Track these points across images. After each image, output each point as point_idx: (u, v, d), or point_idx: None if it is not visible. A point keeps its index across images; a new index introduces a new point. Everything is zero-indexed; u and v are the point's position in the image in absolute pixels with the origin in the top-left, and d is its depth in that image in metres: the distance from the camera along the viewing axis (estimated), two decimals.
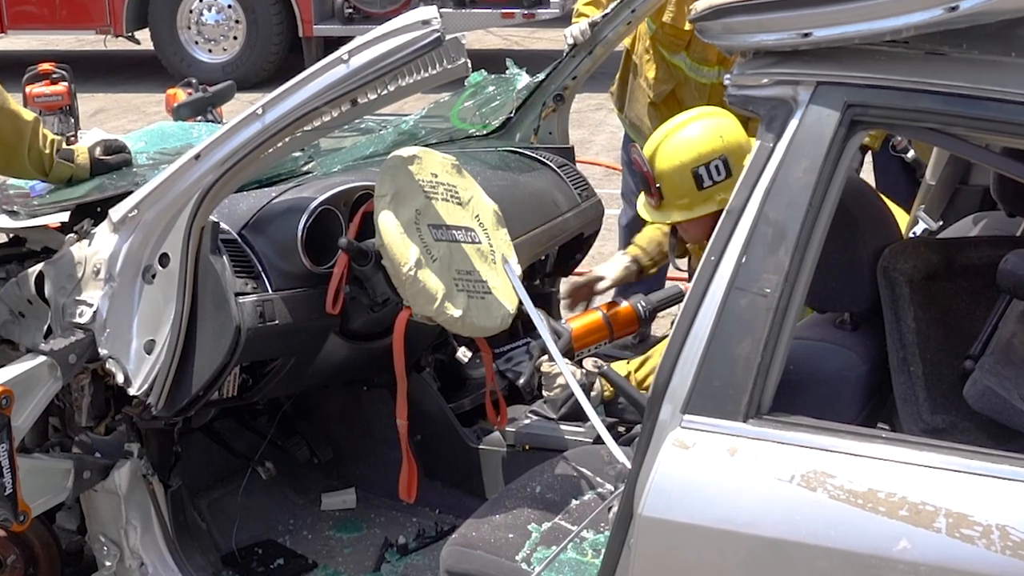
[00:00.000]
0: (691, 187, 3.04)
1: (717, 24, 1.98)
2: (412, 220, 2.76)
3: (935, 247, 2.46)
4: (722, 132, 3.06)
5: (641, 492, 1.92)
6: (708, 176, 3.02)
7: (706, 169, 3.03)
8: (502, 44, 11.57)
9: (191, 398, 2.71)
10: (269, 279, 2.81)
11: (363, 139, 3.51)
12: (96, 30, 10.86)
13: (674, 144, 3.08)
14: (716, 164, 3.01)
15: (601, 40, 3.72)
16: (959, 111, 1.85)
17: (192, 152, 2.63)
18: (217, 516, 3.26)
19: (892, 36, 1.85)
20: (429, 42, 2.47)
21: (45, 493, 2.73)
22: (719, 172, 3.02)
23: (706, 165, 3.02)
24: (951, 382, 2.24)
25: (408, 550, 3.26)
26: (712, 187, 3.03)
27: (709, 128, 3.08)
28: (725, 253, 1.94)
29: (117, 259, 2.71)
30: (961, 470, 1.79)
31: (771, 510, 1.84)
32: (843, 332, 2.42)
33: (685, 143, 3.07)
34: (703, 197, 3.04)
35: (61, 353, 2.67)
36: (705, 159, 3.02)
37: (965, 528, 1.73)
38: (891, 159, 4.36)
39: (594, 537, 2.47)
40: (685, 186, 3.04)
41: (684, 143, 3.07)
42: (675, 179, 3.05)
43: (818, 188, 1.91)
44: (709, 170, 3.02)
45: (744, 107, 2.00)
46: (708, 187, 3.03)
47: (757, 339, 1.89)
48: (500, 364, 3.32)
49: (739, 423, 1.89)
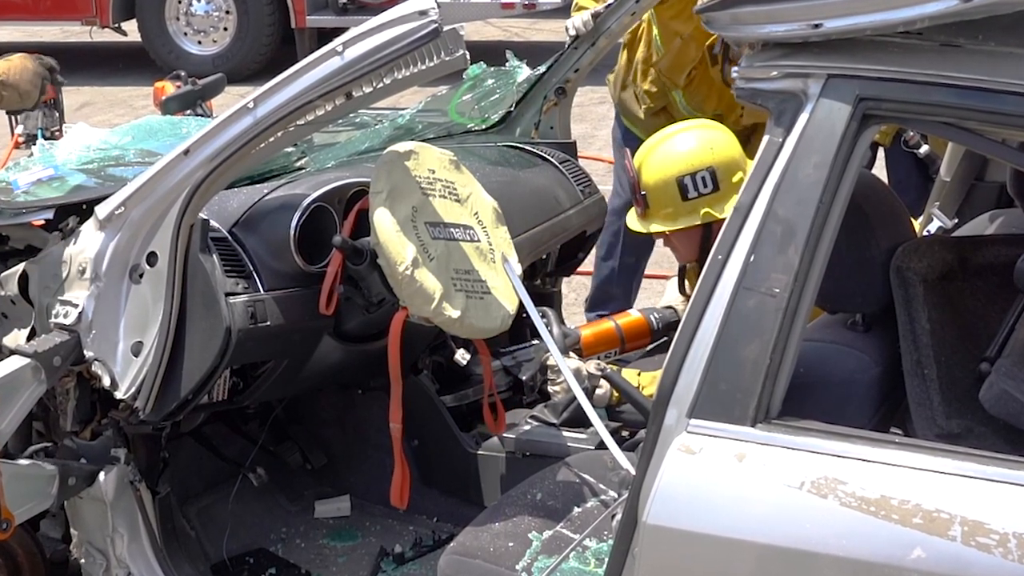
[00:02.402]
0: (675, 197, 3.11)
1: (725, 15, 1.98)
2: (409, 218, 2.76)
3: (950, 246, 2.46)
4: (713, 145, 3.14)
5: (645, 499, 1.92)
6: (693, 187, 3.09)
7: (692, 180, 3.09)
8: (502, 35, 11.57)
9: (180, 402, 2.71)
10: (261, 279, 2.81)
11: (358, 134, 3.51)
12: (82, 21, 10.87)
13: (663, 152, 3.16)
14: (703, 176, 3.08)
15: (604, 31, 3.73)
16: (975, 105, 1.85)
17: (181, 147, 2.63)
18: (207, 524, 3.26)
19: (906, 27, 1.85)
20: (426, 33, 2.47)
21: (29, 500, 2.73)
22: (705, 184, 3.08)
23: (692, 176, 3.09)
24: (966, 385, 2.24)
25: (404, 559, 3.27)
26: (697, 199, 3.10)
27: (701, 139, 3.16)
28: (732, 252, 1.94)
29: (103, 258, 2.71)
30: (977, 476, 1.79)
31: (780, 518, 1.84)
32: (855, 334, 2.42)
33: (674, 152, 3.15)
34: (687, 208, 3.10)
35: (45, 355, 2.67)
36: (692, 169, 3.10)
37: (981, 536, 1.73)
38: (903, 154, 4.36)
39: (597, 546, 2.47)
40: (669, 195, 3.11)
41: (673, 152, 3.15)
42: (660, 187, 3.12)
43: (829, 184, 1.91)
44: (695, 181, 3.09)
45: (752, 101, 2.00)
46: (693, 198, 3.10)
47: (766, 341, 1.90)
48: (505, 361, 3.34)
49: (747, 428, 1.90)
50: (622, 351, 3.54)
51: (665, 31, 4.28)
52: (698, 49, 4.22)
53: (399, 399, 2.84)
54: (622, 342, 3.52)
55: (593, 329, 3.51)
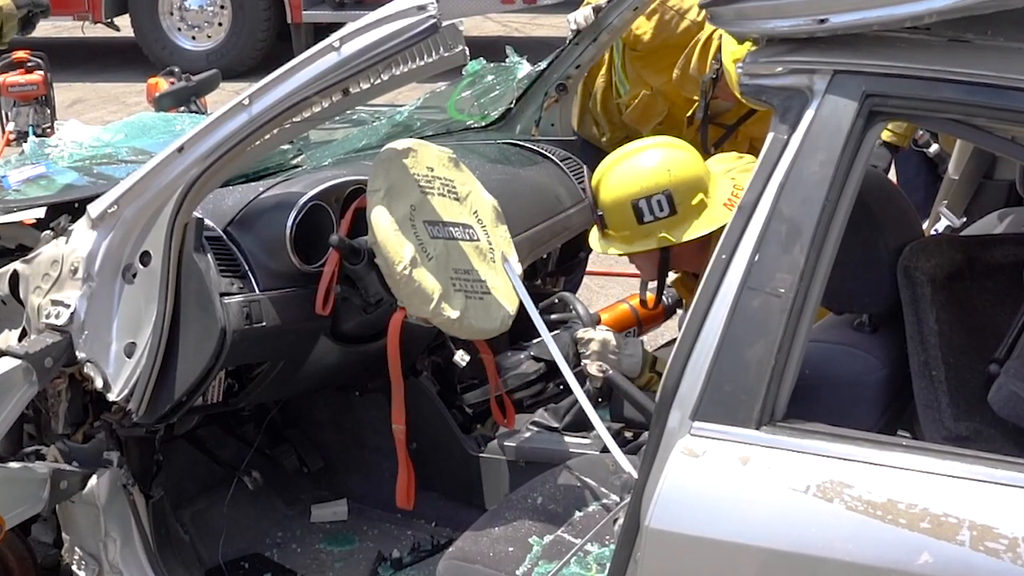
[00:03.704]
0: (631, 220, 3.00)
1: (729, 10, 1.99)
2: (407, 216, 2.77)
3: (958, 245, 2.46)
4: (671, 166, 3.00)
5: (648, 503, 1.92)
6: (649, 211, 2.98)
7: (647, 203, 2.97)
8: (502, 31, 11.58)
9: (174, 404, 2.71)
10: (256, 278, 2.81)
11: (355, 131, 3.51)
12: (74, 16, 10.85)
13: (619, 173, 3.05)
14: (659, 199, 2.97)
15: (606, 27, 3.72)
16: (984, 101, 1.85)
17: (175, 145, 2.63)
18: (201, 528, 3.26)
19: (913, 22, 1.85)
20: (425, 29, 2.47)
21: (20, 504, 2.73)
22: (661, 208, 2.97)
23: (647, 199, 2.97)
24: (975, 387, 2.24)
25: (403, 564, 3.26)
26: (653, 223, 2.98)
27: (659, 160, 3.03)
28: (737, 251, 1.94)
29: (96, 257, 2.71)
30: (986, 480, 1.79)
31: (785, 522, 1.85)
32: (861, 334, 2.42)
33: (630, 173, 3.03)
34: (643, 232, 3.00)
35: (36, 356, 2.67)
36: (647, 192, 2.97)
37: (990, 541, 1.74)
38: (912, 153, 4.36)
39: (599, 551, 2.47)
40: (625, 218, 3.01)
41: (629, 173, 3.03)
42: (616, 209, 3.02)
43: (835, 182, 1.91)
44: (651, 204, 2.97)
45: (757, 97, 2.00)
46: (649, 222, 2.98)
47: (771, 342, 1.90)
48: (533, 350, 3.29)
49: (751, 430, 1.90)
50: (639, 332, 3.53)
51: (634, 74, 4.17)
52: (665, 104, 4.12)
53: (401, 400, 2.85)
54: (639, 323, 3.52)
55: (612, 313, 3.50)
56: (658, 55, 4.01)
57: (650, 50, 3.99)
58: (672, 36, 3.90)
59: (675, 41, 3.90)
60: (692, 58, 3.87)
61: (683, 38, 3.89)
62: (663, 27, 3.90)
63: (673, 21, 3.88)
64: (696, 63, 3.85)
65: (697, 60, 3.85)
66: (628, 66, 4.15)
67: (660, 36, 3.92)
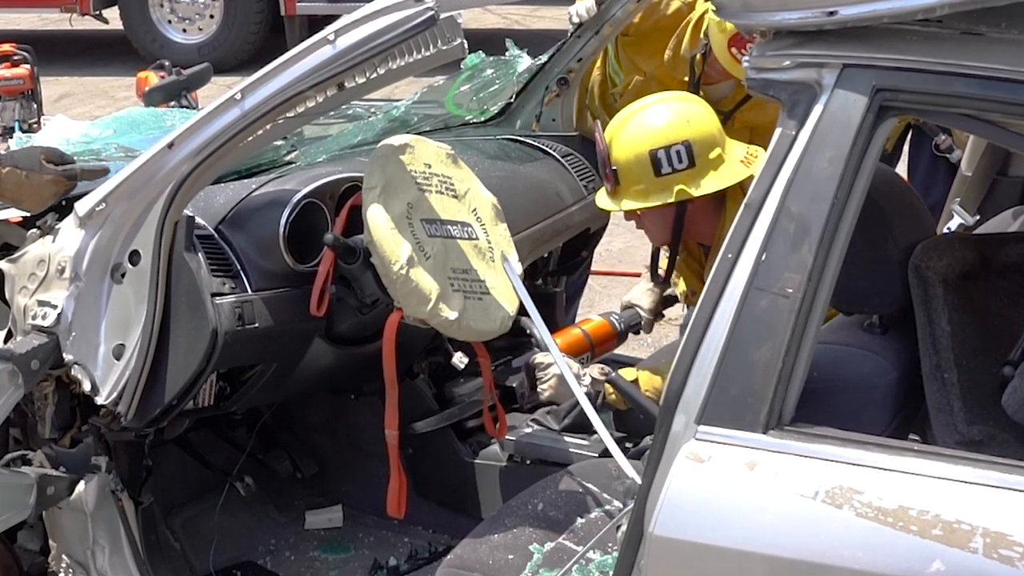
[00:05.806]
0: (648, 171, 3.00)
1: (736, 1, 1.99)
2: (404, 214, 2.77)
3: (971, 243, 2.46)
4: (690, 118, 3.03)
5: (652, 509, 1.92)
6: (667, 162, 2.98)
7: (666, 153, 2.98)
8: (501, 23, 11.58)
9: (164, 407, 2.71)
10: (248, 278, 2.81)
11: (351, 126, 3.51)
12: (61, 8, 10.88)
13: (636, 125, 3.05)
14: (678, 149, 2.97)
15: (609, 19, 3.73)
16: (997, 96, 1.85)
17: (165, 140, 2.63)
18: (192, 536, 3.26)
19: (925, 14, 1.85)
20: (422, 21, 2.47)
21: (6, 511, 2.74)
22: (680, 159, 2.97)
23: (666, 149, 2.97)
24: (988, 390, 2.24)
25: (399, 572, 3.27)
26: (671, 175, 2.98)
27: (677, 111, 3.05)
28: (743, 250, 1.94)
29: (83, 257, 2.72)
30: (999, 486, 1.79)
31: (793, 529, 1.85)
32: (871, 336, 2.42)
33: (648, 124, 3.04)
34: (660, 185, 2.99)
35: (22, 358, 2.67)
36: (667, 143, 2.98)
37: (1004, 548, 1.74)
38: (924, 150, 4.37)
39: (601, 558, 2.47)
40: (641, 170, 3.00)
41: (647, 124, 3.04)
42: (632, 162, 3.01)
43: (844, 179, 1.91)
44: (669, 155, 2.98)
45: (764, 92, 2.00)
46: (666, 174, 2.98)
47: (778, 343, 1.90)
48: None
49: (758, 434, 1.90)
50: (593, 357, 3.52)
51: (627, 61, 4.18)
52: (659, 89, 4.10)
53: (395, 404, 2.84)
54: (592, 347, 3.50)
55: (563, 337, 3.48)
56: (650, 39, 4.03)
57: (641, 34, 4.01)
58: (663, 18, 3.92)
59: (666, 24, 3.93)
60: (684, 38, 3.89)
61: (673, 20, 3.92)
62: (653, 9, 3.92)
63: (663, 2, 3.91)
64: (688, 43, 3.89)
65: (689, 41, 3.88)
66: (621, 53, 4.17)
67: (651, 18, 3.94)
